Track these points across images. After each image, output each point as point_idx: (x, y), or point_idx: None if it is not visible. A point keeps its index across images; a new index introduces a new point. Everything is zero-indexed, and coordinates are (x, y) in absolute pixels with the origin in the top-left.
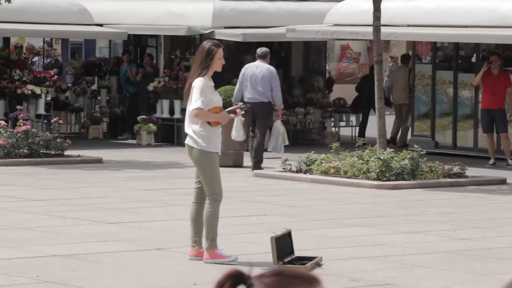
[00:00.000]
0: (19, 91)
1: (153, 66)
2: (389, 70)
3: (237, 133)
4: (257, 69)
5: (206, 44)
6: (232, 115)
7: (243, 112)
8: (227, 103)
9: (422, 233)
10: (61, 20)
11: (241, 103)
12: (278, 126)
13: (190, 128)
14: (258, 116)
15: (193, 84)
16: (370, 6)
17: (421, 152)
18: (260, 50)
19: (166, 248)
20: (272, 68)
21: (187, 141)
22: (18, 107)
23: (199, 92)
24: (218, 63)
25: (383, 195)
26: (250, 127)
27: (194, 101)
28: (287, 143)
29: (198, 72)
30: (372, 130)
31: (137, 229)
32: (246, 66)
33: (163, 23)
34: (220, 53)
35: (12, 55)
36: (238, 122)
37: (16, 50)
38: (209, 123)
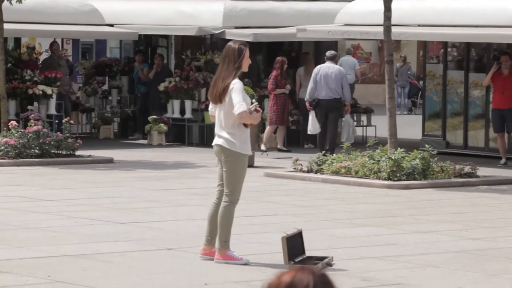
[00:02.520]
0: (30, 91)
1: (164, 67)
2: (396, 70)
3: (313, 127)
4: (329, 69)
5: (235, 44)
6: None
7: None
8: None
9: (433, 233)
10: (72, 20)
11: (253, 100)
12: (348, 119)
13: (225, 130)
14: (331, 111)
15: (232, 86)
16: (380, 6)
17: (432, 152)
18: (330, 53)
19: (177, 248)
20: (342, 68)
21: (221, 142)
22: (29, 107)
23: (241, 95)
24: (246, 63)
25: (394, 195)
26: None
27: (239, 104)
28: (356, 133)
29: (234, 72)
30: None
31: (148, 229)
32: (319, 67)
33: (173, 23)
34: (248, 52)
35: (23, 55)
36: (313, 117)
37: (28, 50)
38: (245, 125)
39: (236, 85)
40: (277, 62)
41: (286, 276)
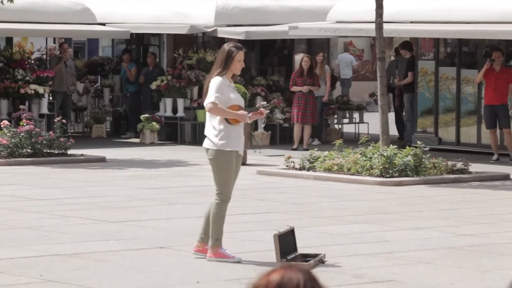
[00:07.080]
0: (22, 90)
1: (157, 66)
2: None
3: None
4: None
5: (227, 46)
6: (256, 115)
7: (267, 111)
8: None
9: (425, 229)
10: (63, 19)
11: (264, 103)
12: None
13: (209, 128)
14: None
15: (210, 82)
16: (372, 3)
17: (425, 149)
18: None
19: (169, 246)
20: None
21: (205, 142)
22: (21, 106)
23: (215, 88)
24: (237, 66)
25: (386, 192)
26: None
27: (209, 96)
28: None
29: (217, 72)
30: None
31: (141, 228)
32: None
33: (165, 21)
34: (240, 55)
35: (15, 55)
36: None
37: (20, 50)
38: (227, 121)
39: (212, 81)
40: (302, 60)
41: (274, 276)
